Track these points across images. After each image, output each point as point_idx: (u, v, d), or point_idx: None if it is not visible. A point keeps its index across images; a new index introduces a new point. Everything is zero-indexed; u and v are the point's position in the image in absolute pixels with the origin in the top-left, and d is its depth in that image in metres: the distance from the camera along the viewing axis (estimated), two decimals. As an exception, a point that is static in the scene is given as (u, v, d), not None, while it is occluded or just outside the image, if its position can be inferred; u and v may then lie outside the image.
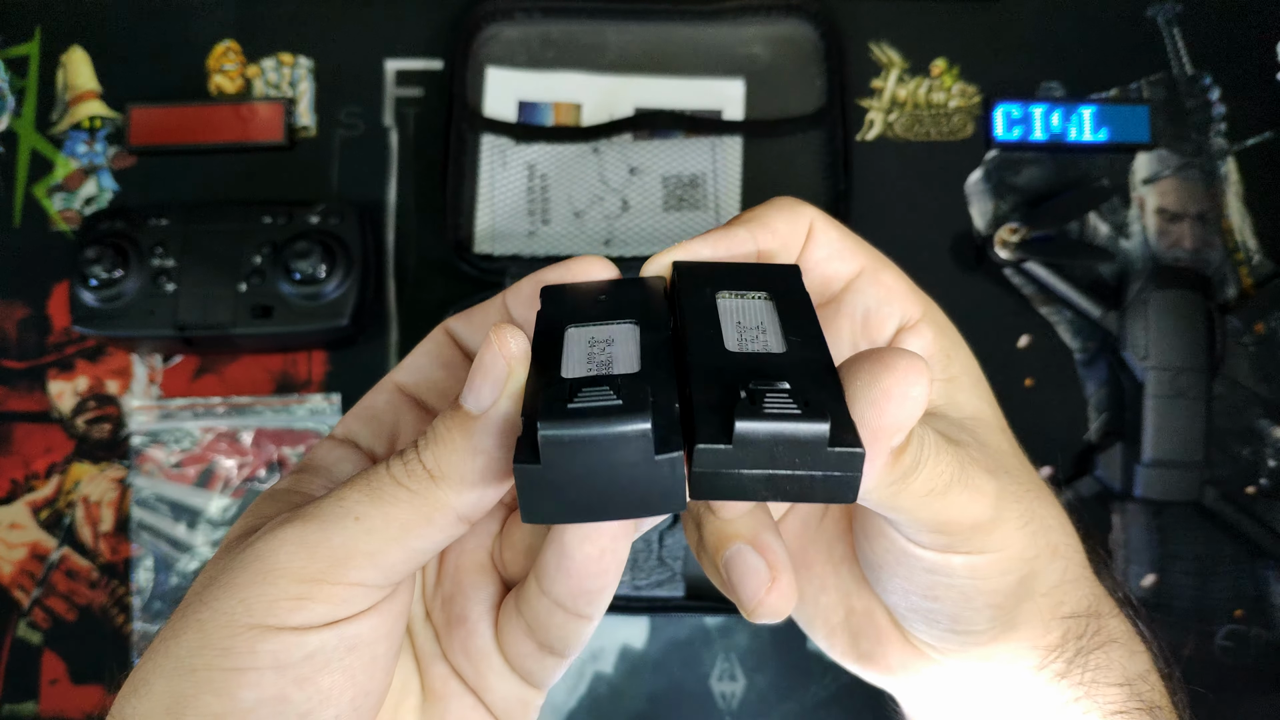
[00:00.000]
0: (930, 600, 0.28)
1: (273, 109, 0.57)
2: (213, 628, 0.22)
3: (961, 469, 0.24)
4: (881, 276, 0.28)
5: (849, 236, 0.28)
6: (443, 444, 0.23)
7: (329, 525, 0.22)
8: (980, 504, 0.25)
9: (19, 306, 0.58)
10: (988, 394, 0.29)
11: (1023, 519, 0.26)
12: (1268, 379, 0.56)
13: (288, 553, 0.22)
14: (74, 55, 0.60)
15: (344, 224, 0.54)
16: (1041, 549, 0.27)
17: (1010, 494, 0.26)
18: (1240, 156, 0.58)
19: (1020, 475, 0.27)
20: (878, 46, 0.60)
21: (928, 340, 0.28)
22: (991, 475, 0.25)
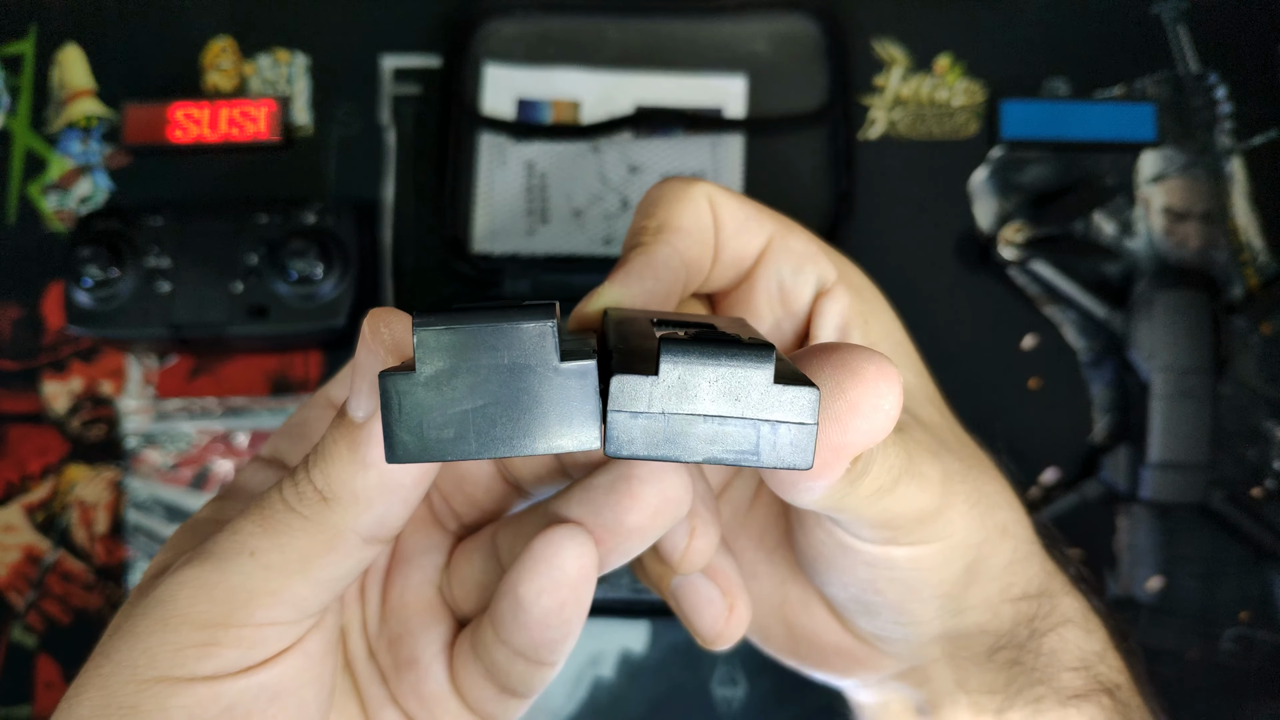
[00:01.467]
0: (873, 594, 0.26)
1: (268, 107, 0.57)
2: (116, 683, 0.20)
3: (909, 459, 0.22)
4: (790, 242, 0.27)
5: (749, 204, 0.27)
6: (330, 460, 0.20)
7: (225, 563, 0.20)
8: (927, 493, 0.23)
9: (12, 307, 0.57)
10: (913, 360, 0.27)
11: (969, 500, 0.24)
12: (1275, 380, 0.55)
13: (187, 596, 0.20)
14: (68, 53, 0.59)
15: (340, 223, 0.53)
16: (990, 531, 0.25)
17: (955, 475, 0.24)
18: (1247, 155, 0.58)
19: (960, 451, 0.25)
20: (880, 43, 0.59)
21: (844, 305, 0.27)
22: (936, 458, 0.23)
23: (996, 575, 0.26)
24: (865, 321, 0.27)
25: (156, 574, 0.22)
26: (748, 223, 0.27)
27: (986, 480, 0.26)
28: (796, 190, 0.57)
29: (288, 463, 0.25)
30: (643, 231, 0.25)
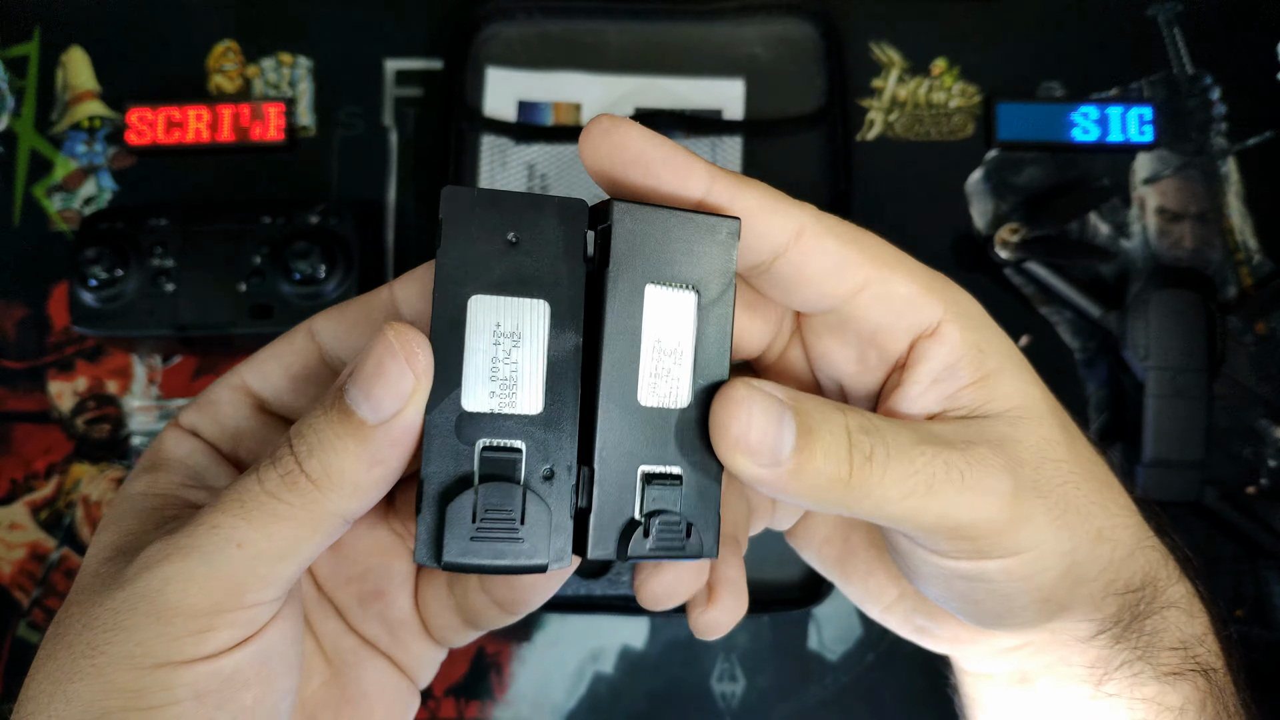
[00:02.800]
0: (971, 604, 0.27)
1: (272, 109, 0.57)
2: (115, 672, 0.21)
3: (948, 469, 0.24)
4: (891, 289, 0.26)
5: (849, 244, 0.25)
6: (332, 451, 0.21)
7: (213, 557, 0.21)
8: (991, 505, 0.24)
9: (18, 307, 0.58)
10: (1032, 379, 0.27)
11: (1053, 512, 0.25)
12: (1268, 379, 0.56)
13: (177, 591, 0.21)
14: (73, 55, 0.60)
15: (343, 224, 0.54)
16: (1081, 539, 0.26)
17: (1034, 488, 0.25)
18: (1241, 156, 0.58)
19: (1057, 464, 0.26)
20: (878, 46, 0.60)
21: (953, 344, 0.26)
22: (1007, 473, 0.24)
23: (1096, 575, 0.27)
24: (980, 352, 0.26)
25: (113, 554, 0.23)
26: (841, 265, 0.25)
27: (1080, 489, 0.26)
28: (795, 191, 0.57)
29: (200, 433, 0.26)
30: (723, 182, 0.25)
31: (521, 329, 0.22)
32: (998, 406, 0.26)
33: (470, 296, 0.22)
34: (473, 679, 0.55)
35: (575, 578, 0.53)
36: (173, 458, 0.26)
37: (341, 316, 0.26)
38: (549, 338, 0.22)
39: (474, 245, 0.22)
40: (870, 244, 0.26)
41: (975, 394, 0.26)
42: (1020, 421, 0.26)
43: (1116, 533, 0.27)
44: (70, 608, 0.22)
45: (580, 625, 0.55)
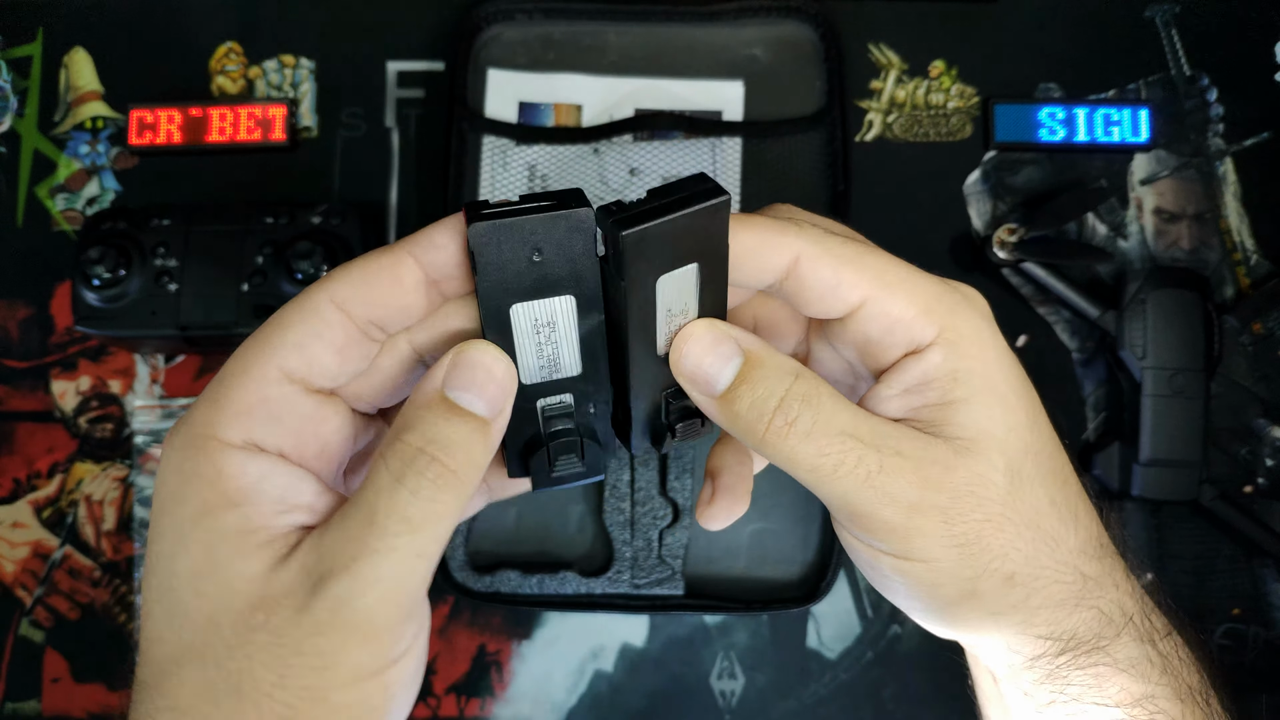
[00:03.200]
0: (881, 588, 0.30)
1: (275, 110, 0.58)
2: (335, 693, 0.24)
3: (858, 464, 0.27)
4: (886, 309, 0.28)
5: (846, 266, 0.27)
6: (466, 446, 0.25)
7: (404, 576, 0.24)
8: (887, 507, 0.27)
9: (21, 306, 0.58)
10: (1011, 421, 0.28)
11: (953, 540, 0.27)
12: (1265, 378, 0.56)
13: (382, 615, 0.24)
14: (76, 56, 0.60)
15: (346, 224, 0.54)
16: (984, 573, 0.27)
17: (939, 511, 0.27)
18: (1238, 157, 0.59)
19: (982, 501, 0.27)
20: (876, 48, 0.60)
21: (930, 366, 0.28)
22: (914, 488, 0.27)
23: (1006, 613, 0.28)
24: (954, 379, 0.27)
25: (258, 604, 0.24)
26: (838, 286, 0.27)
27: (1003, 535, 0.27)
28: (794, 192, 0.58)
29: (264, 446, 0.26)
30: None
31: (555, 319, 0.27)
32: (951, 432, 0.28)
33: (511, 306, 0.26)
34: (473, 676, 0.55)
35: (576, 576, 0.54)
36: (248, 486, 0.25)
37: (368, 287, 0.26)
38: (578, 320, 0.27)
39: (505, 268, 0.26)
40: (872, 263, 0.28)
41: (935, 414, 0.28)
42: (965, 453, 0.27)
43: (1038, 583, 0.28)
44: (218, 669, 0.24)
45: (580, 623, 0.56)
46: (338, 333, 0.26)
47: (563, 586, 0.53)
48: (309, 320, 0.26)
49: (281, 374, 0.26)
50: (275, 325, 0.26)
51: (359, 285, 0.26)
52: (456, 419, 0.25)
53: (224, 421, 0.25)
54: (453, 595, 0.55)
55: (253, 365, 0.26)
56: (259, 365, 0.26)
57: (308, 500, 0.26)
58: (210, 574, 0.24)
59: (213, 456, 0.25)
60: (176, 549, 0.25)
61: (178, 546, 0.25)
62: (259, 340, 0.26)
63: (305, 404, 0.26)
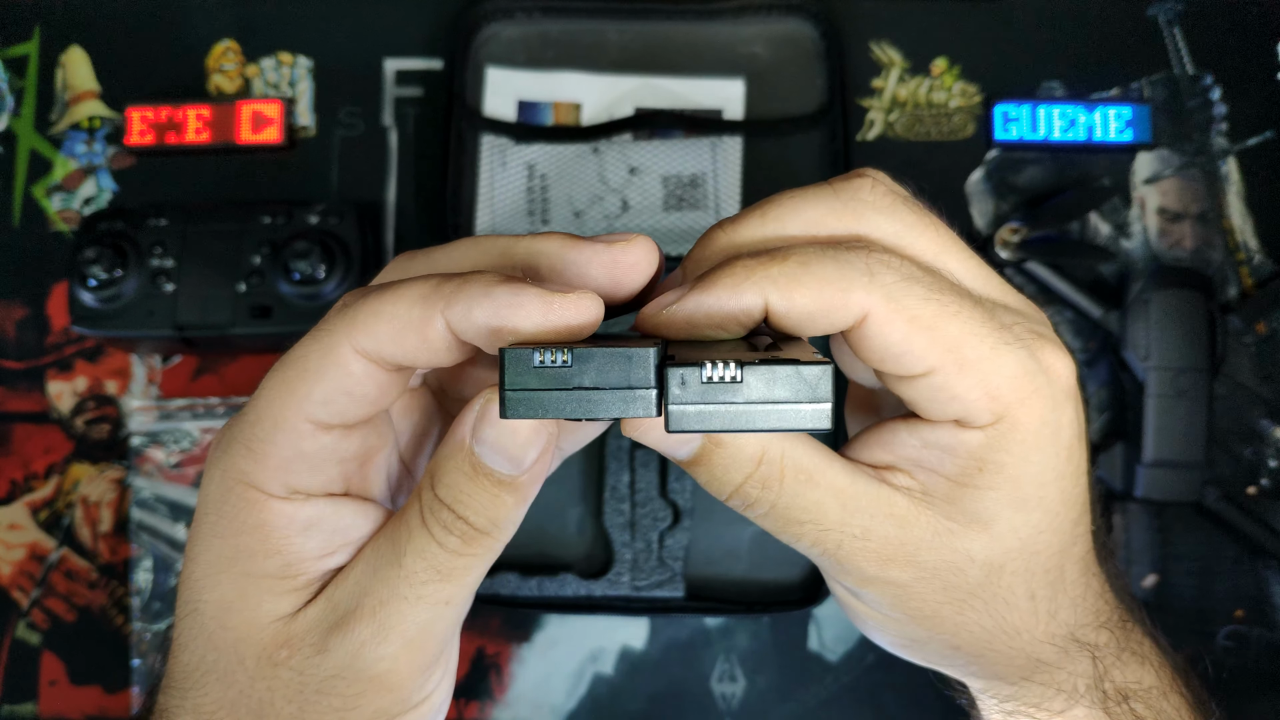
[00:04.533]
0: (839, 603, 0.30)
1: (272, 109, 0.57)
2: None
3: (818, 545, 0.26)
4: (953, 386, 0.24)
5: (922, 331, 0.23)
6: (492, 507, 0.24)
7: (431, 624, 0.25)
8: (840, 574, 0.27)
9: (18, 307, 0.58)
10: (1017, 518, 0.26)
11: (904, 609, 0.27)
12: (1269, 379, 0.56)
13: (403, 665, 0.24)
14: (73, 55, 0.60)
15: (343, 224, 0.54)
16: (928, 639, 0.28)
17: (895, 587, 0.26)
18: (1241, 156, 0.58)
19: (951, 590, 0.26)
20: (878, 46, 0.60)
21: (969, 445, 0.25)
22: (876, 566, 0.26)
23: (945, 665, 0.29)
24: (980, 470, 0.25)
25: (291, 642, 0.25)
26: (902, 357, 0.24)
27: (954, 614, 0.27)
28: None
29: (309, 491, 0.25)
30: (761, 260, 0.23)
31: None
32: (945, 511, 0.26)
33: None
34: (472, 679, 0.55)
35: (576, 578, 0.53)
36: (294, 535, 0.25)
37: (394, 343, 0.24)
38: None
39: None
40: (953, 332, 0.24)
41: (938, 485, 0.26)
42: (946, 535, 0.26)
43: (984, 660, 0.28)
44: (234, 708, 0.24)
45: (580, 626, 0.55)
46: (366, 385, 0.24)
47: (562, 589, 0.53)
48: (333, 375, 0.24)
49: (314, 426, 0.24)
50: (300, 372, 0.24)
51: (384, 340, 0.23)
52: (481, 478, 0.24)
53: (264, 475, 0.24)
54: (451, 597, 0.54)
55: (285, 417, 0.24)
56: (292, 418, 0.24)
57: (358, 536, 0.26)
58: (239, 609, 0.24)
59: (255, 507, 0.24)
60: (207, 580, 0.25)
61: (209, 578, 0.25)
62: (287, 387, 0.24)
63: (347, 445, 0.25)
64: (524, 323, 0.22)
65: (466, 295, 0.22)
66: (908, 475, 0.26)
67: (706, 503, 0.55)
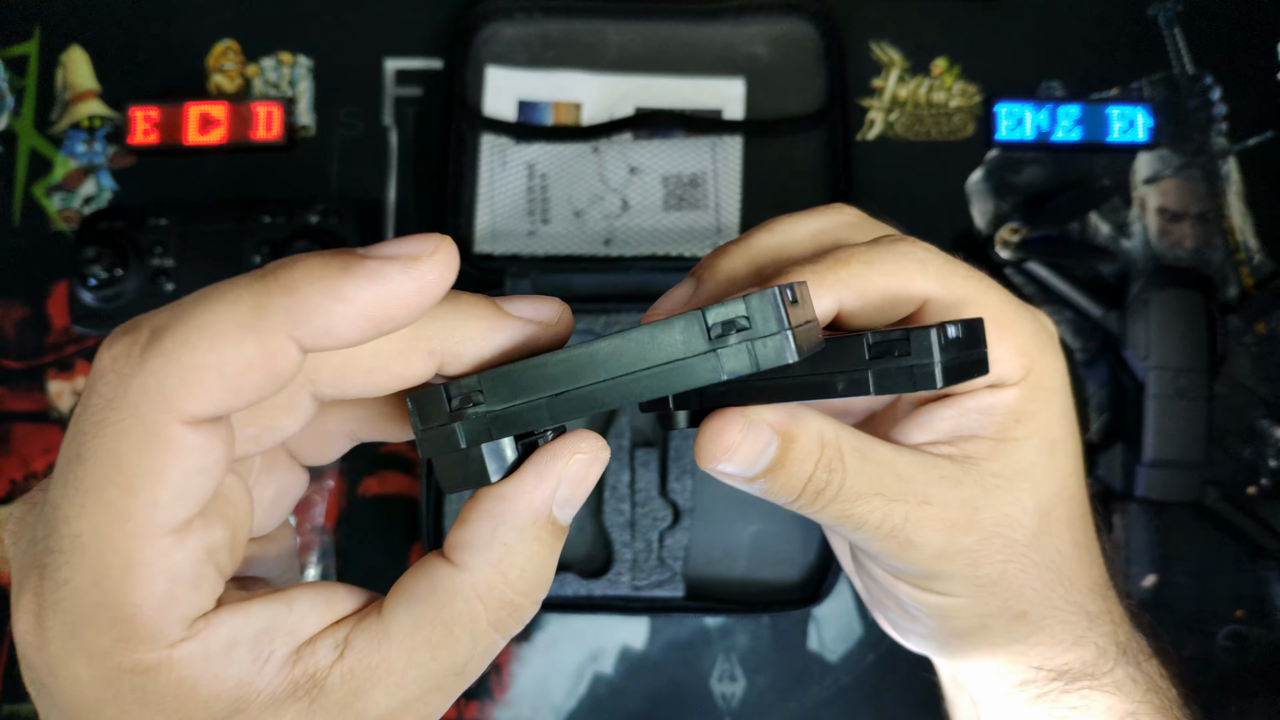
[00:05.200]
0: (885, 609, 0.30)
1: (272, 108, 0.57)
2: None
3: (883, 521, 0.26)
4: (995, 350, 0.26)
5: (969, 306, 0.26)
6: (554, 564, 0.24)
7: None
8: (911, 556, 0.27)
9: (18, 306, 0.58)
10: (1051, 465, 0.28)
11: (976, 581, 0.27)
12: (1269, 379, 0.56)
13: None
14: (73, 55, 0.60)
15: (343, 223, 0.54)
16: (999, 610, 0.28)
17: (966, 556, 0.27)
18: (1241, 156, 0.58)
19: (1010, 543, 0.27)
20: (878, 46, 0.60)
21: (1004, 401, 0.27)
22: (944, 535, 0.26)
23: (1005, 645, 0.29)
24: (1017, 421, 0.27)
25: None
26: None
27: (1026, 574, 0.28)
28: (795, 191, 0.58)
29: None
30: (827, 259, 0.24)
31: None
32: (989, 469, 0.27)
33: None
34: (472, 679, 0.55)
35: (576, 578, 0.53)
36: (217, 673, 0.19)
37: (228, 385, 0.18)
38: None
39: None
40: (991, 301, 0.26)
41: (980, 448, 0.27)
42: (997, 492, 0.27)
43: (1046, 622, 0.28)
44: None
45: (580, 625, 0.55)
46: (216, 449, 0.18)
47: (562, 588, 0.53)
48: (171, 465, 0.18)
49: (172, 535, 0.18)
50: (123, 481, 0.18)
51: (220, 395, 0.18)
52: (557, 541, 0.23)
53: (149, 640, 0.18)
54: (451, 597, 0.54)
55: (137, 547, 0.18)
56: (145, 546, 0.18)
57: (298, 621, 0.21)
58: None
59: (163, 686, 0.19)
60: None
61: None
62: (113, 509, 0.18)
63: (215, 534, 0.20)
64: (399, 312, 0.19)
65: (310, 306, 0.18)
66: (947, 445, 0.27)
67: (706, 503, 0.55)
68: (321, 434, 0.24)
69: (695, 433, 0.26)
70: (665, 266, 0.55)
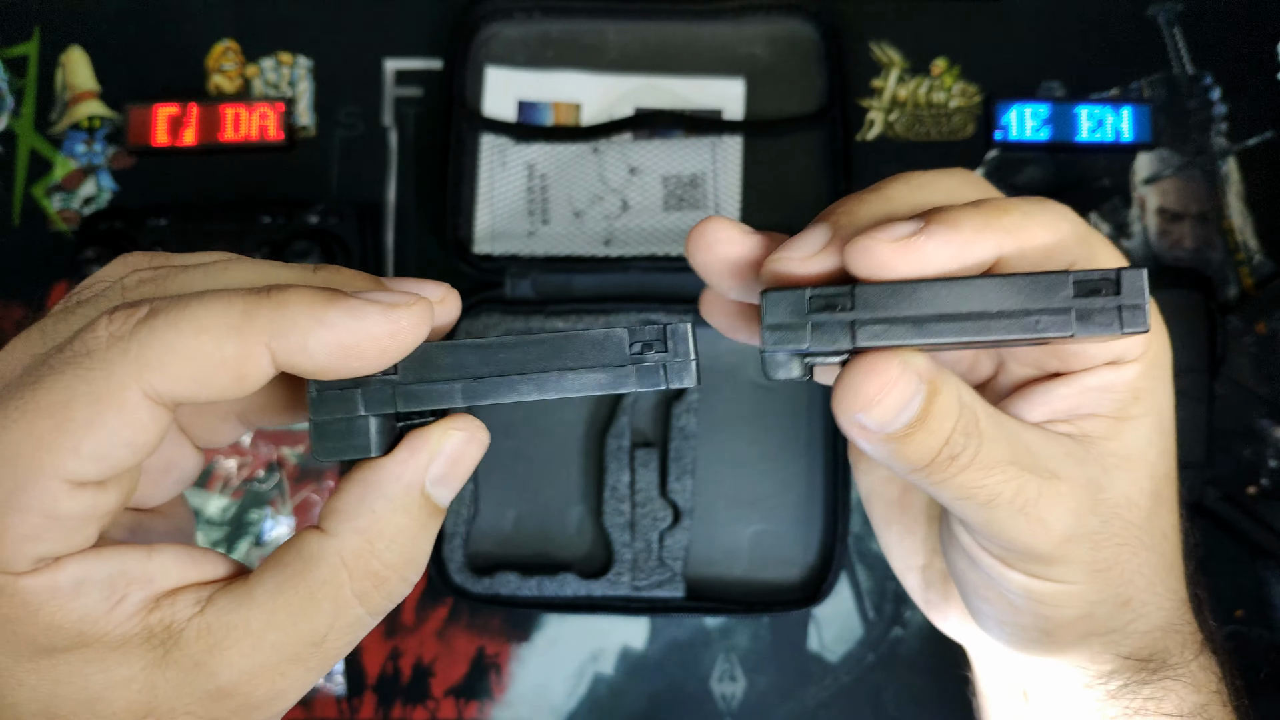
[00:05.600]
0: (981, 600, 0.29)
1: (272, 109, 0.57)
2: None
3: (1016, 494, 0.24)
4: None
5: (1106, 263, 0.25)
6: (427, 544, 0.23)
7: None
8: (1039, 535, 0.25)
9: (17, 307, 0.58)
10: (1160, 443, 0.27)
11: (1094, 566, 0.26)
12: (1269, 379, 0.56)
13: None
14: (73, 55, 0.60)
15: (343, 224, 0.54)
16: (1109, 597, 0.27)
17: (1089, 537, 0.26)
18: (1241, 156, 0.58)
19: (1127, 525, 0.27)
20: (878, 46, 0.60)
21: (1124, 378, 0.26)
22: (1072, 515, 0.25)
23: (1105, 633, 0.28)
24: (1135, 398, 0.26)
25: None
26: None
27: (1136, 557, 0.27)
28: (795, 191, 0.58)
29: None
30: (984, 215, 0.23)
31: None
32: (1109, 448, 0.26)
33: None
34: (472, 679, 0.55)
35: (576, 578, 0.53)
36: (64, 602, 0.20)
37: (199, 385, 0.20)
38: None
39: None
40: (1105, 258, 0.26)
41: (1099, 426, 0.26)
42: (1116, 471, 0.26)
43: (1147, 609, 0.28)
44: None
45: (580, 626, 0.55)
46: (150, 432, 0.20)
47: (562, 589, 0.53)
48: (111, 425, 0.19)
49: (72, 486, 0.20)
50: (59, 422, 0.19)
51: (184, 382, 0.20)
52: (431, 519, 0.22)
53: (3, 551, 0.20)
54: (451, 597, 0.54)
55: (33, 479, 0.19)
56: (44, 480, 0.19)
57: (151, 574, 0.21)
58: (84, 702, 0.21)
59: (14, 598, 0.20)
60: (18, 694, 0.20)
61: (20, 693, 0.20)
62: (37, 440, 0.19)
63: (108, 498, 0.21)
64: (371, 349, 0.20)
65: (294, 323, 0.20)
66: (1065, 423, 0.26)
67: (706, 503, 0.55)
68: (207, 417, 0.25)
69: (694, 432, 0.26)
70: (665, 266, 0.55)
